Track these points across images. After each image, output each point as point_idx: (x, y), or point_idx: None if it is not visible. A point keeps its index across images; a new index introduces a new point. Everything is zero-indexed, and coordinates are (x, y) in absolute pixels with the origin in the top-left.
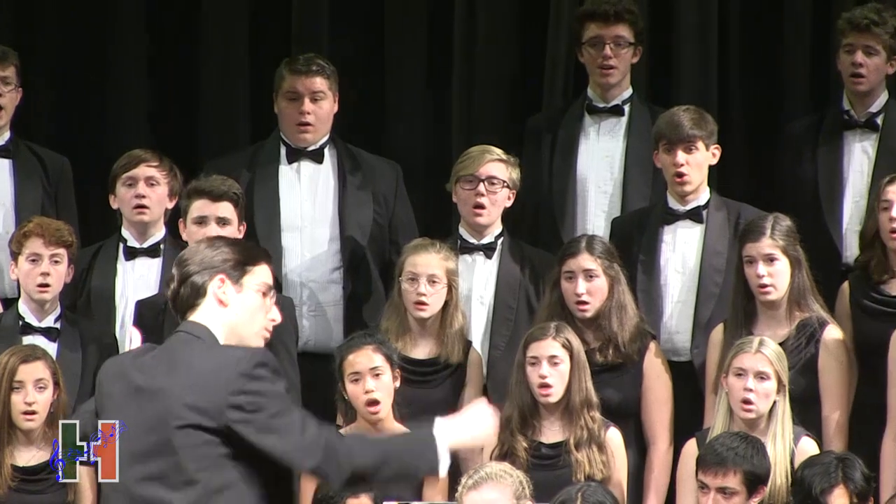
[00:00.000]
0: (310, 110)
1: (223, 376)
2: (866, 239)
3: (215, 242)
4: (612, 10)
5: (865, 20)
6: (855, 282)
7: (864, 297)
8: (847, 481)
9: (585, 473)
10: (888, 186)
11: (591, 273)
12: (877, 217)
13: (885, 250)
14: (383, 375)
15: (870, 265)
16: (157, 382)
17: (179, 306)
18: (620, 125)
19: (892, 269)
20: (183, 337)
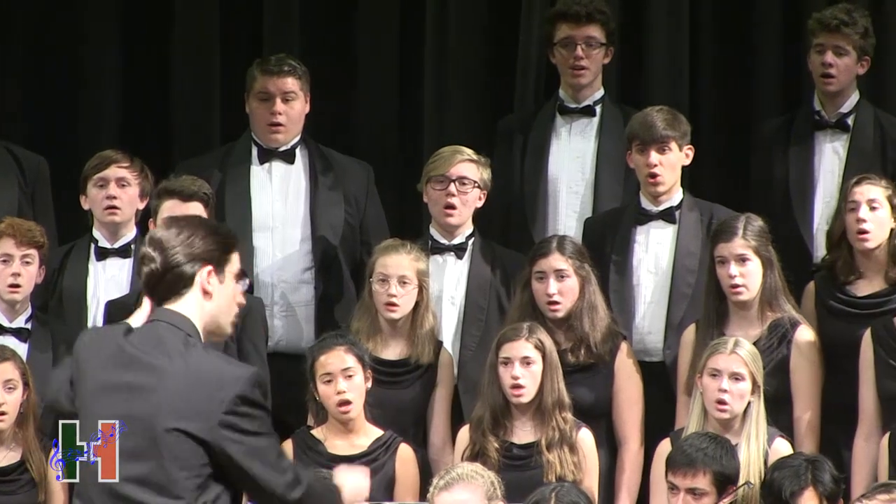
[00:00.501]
0: (281, 111)
1: (220, 392)
2: (833, 240)
3: (191, 225)
4: (584, 11)
5: (836, 20)
6: (821, 282)
7: (830, 297)
8: (816, 483)
9: (557, 474)
10: (855, 187)
11: (562, 273)
12: (844, 218)
13: (851, 251)
14: (355, 376)
15: (836, 265)
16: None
17: (159, 292)
18: (592, 126)
19: (858, 269)
20: (166, 328)
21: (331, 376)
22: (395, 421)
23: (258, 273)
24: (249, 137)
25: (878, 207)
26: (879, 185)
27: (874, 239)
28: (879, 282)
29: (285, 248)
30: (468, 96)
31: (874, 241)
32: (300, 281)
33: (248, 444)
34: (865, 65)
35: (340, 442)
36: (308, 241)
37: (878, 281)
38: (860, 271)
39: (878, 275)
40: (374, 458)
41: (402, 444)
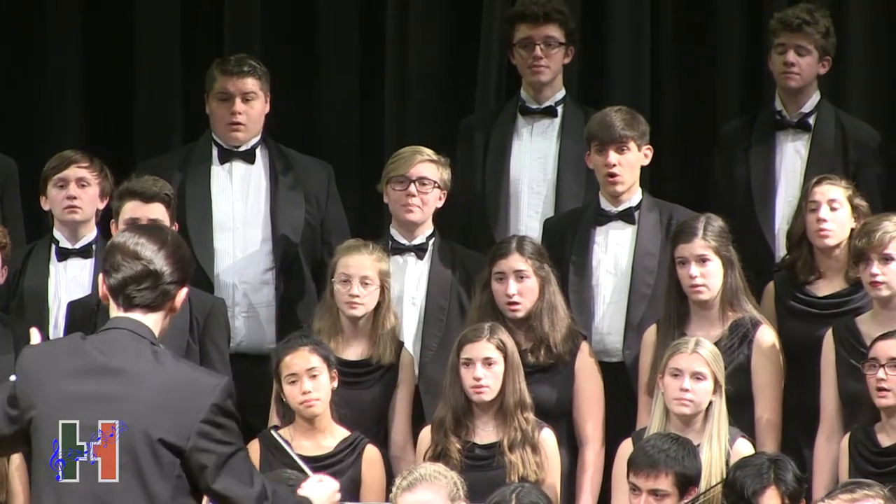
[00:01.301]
0: (241, 110)
1: (196, 401)
2: (793, 240)
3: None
4: (542, 11)
5: (797, 20)
6: (780, 282)
7: (790, 297)
8: (779, 482)
9: (519, 474)
10: (816, 187)
11: (522, 274)
12: (804, 218)
13: (811, 251)
14: (320, 376)
15: (796, 265)
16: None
17: (134, 301)
18: (553, 126)
19: (819, 269)
20: (129, 336)
21: (296, 377)
22: (357, 421)
23: (219, 274)
24: (210, 138)
25: (839, 208)
26: (840, 185)
27: (834, 237)
28: (839, 282)
29: (246, 248)
30: (429, 96)
31: (834, 240)
32: (261, 281)
33: (221, 453)
34: (827, 64)
35: (307, 442)
36: (269, 241)
37: (838, 281)
38: (820, 271)
39: (837, 274)
40: (341, 459)
41: (368, 445)
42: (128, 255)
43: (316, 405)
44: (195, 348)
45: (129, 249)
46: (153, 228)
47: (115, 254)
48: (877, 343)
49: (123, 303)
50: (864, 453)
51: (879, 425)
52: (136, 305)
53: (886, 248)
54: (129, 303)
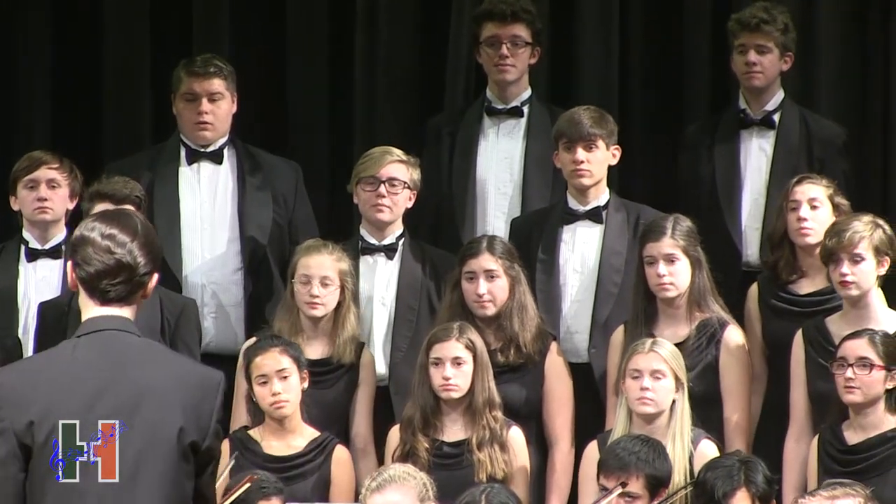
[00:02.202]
0: (207, 110)
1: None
2: (774, 240)
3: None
4: (509, 10)
5: (755, 19)
6: (764, 283)
7: (773, 297)
8: (749, 484)
9: (487, 473)
10: (796, 187)
11: (492, 273)
12: (785, 217)
13: (793, 250)
14: (290, 377)
15: (778, 265)
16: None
17: (109, 296)
18: (520, 126)
19: (801, 269)
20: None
21: (266, 378)
22: (319, 420)
23: (187, 274)
24: (178, 139)
25: (819, 206)
26: (820, 184)
27: (815, 236)
28: (821, 280)
29: (214, 248)
30: (399, 96)
31: (815, 238)
32: (230, 282)
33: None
34: (789, 60)
35: (277, 443)
36: (237, 241)
37: (821, 279)
38: (802, 270)
39: (820, 273)
40: (311, 459)
41: (338, 445)
42: (99, 248)
43: (286, 406)
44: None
45: (100, 243)
46: (122, 216)
47: (85, 246)
48: (845, 343)
49: (99, 297)
50: (831, 452)
51: (847, 423)
52: (111, 299)
53: (856, 248)
54: (105, 297)
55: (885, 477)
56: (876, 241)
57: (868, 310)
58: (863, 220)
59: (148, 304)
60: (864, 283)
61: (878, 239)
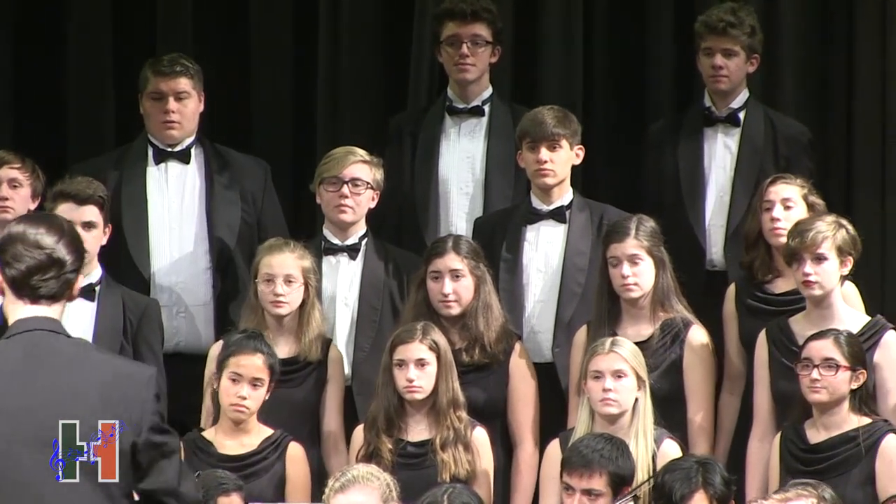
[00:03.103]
0: (174, 109)
1: (141, 395)
2: (750, 240)
3: (67, 227)
4: (470, 9)
5: (722, 23)
6: (741, 283)
7: (750, 297)
8: (707, 486)
9: (451, 473)
10: (770, 187)
11: (458, 273)
12: (759, 218)
13: (768, 250)
14: (261, 388)
15: (754, 265)
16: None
17: (40, 292)
18: (481, 126)
19: (777, 268)
20: (49, 336)
21: (239, 378)
22: (288, 419)
23: (155, 274)
24: (145, 139)
25: (793, 206)
26: (794, 184)
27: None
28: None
29: (182, 248)
30: (362, 95)
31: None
32: (198, 281)
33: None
34: (755, 62)
35: (230, 442)
36: (205, 240)
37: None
38: (778, 270)
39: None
40: (265, 457)
41: (291, 442)
42: (30, 244)
43: (244, 413)
44: (129, 349)
45: (30, 239)
46: (47, 217)
47: (14, 244)
48: (809, 343)
49: (29, 294)
50: (793, 451)
51: (810, 422)
52: (41, 296)
53: (819, 248)
54: (35, 294)
55: (848, 476)
56: (839, 240)
57: (831, 310)
58: (826, 220)
59: (111, 305)
60: (827, 283)
61: (842, 239)
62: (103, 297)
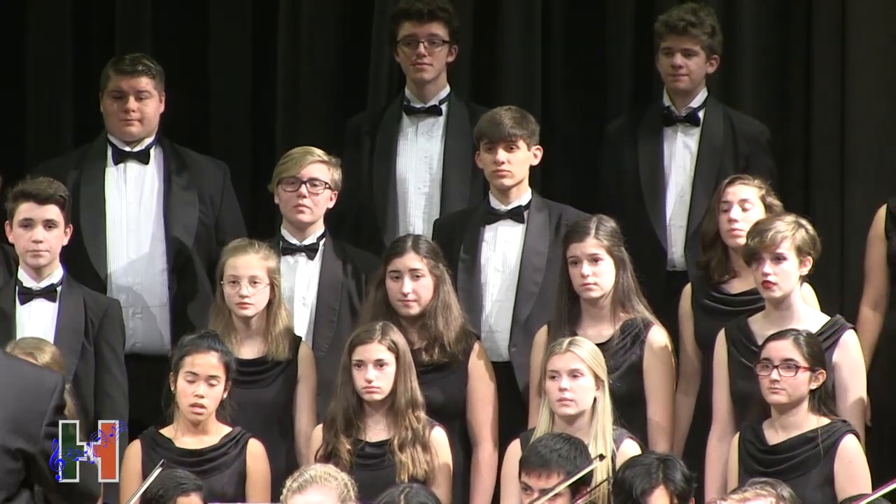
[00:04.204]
0: (135, 108)
1: (39, 404)
2: (707, 240)
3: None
4: (426, 9)
5: (682, 22)
6: (697, 283)
7: (706, 297)
8: (667, 482)
9: (409, 473)
10: (728, 188)
11: (417, 273)
12: (716, 218)
13: (725, 251)
14: (217, 386)
15: (710, 266)
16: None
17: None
18: (438, 125)
19: (733, 269)
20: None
21: (195, 377)
22: (258, 419)
23: (112, 274)
24: (105, 139)
25: (751, 207)
26: (752, 185)
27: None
28: (753, 280)
29: (140, 249)
30: (321, 95)
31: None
32: (155, 282)
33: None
34: (715, 63)
35: (189, 438)
36: (162, 241)
37: (752, 279)
38: (735, 270)
39: (751, 273)
40: (224, 453)
41: (251, 439)
42: None
43: (202, 413)
44: (90, 350)
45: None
46: None
47: None
48: (769, 343)
49: None
50: (751, 451)
51: (768, 422)
52: None
53: (778, 248)
54: None
55: (807, 477)
56: (798, 240)
57: (791, 310)
58: (785, 220)
59: (72, 305)
60: (786, 284)
61: (801, 239)
62: (65, 297)
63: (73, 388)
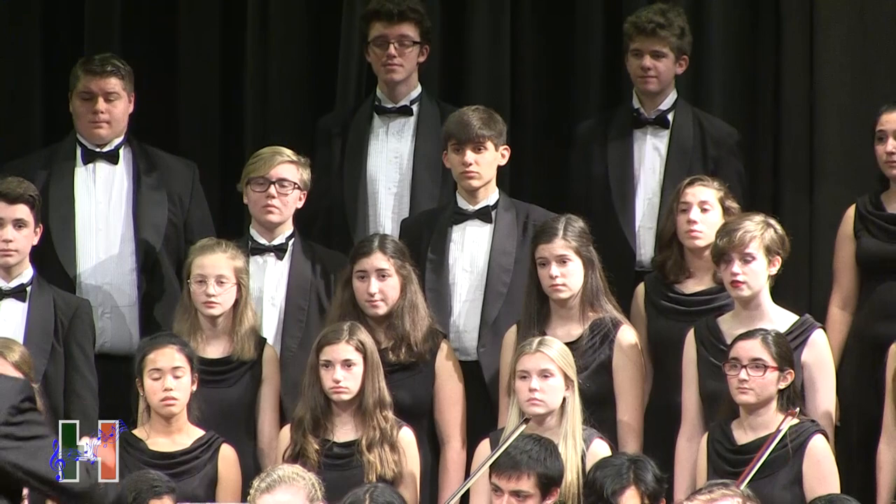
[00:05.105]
0: (104, 109)
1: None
2: (664, 240)
3: None
4: (396, 10)
5: (651, 24)
6: (650, 283)
7: (660, 296)
8: (638, 482)
9: (377, 473)
10: (687, 188)
11: (384, 272)
12: (675, 219)
13: (681, 251)
14: (183, 377)
15: (666, 265)
16: None
17: None
18: (409, 125)
19: (689, 269)
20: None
21: (159, 373)
22: (223, 419)
23: (81, 274)
24: (74, 139)
25: (710, 209)
26: (711, 186)
27: (705, 238)
28: (708, 280)
29: (109, 249)
30: (290, 95)
31: (705, 241)
32: (124, 282)
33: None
34: (684, 64)
35: (162, 439)
36: (131, 241)
37: (707, 279)
38: (689, 271)
39: (706, 273)
40: (196, 456)
41: (224, 443)
42: None
43: (175, 404)
44: (60, 350)
45: None
46: None
47: None
48: (737, 343)
49: None
50: (720, 451)
51: (737, 422)
52: None
53: (747, 248)
54: None
55: (775, 477)
56: (767, 240)
57: (760, 310)
58: (754, 220)
59: (42, 305)
60: (754, 283)
61: (770, 238)
62: (34, 297)
63: (42, 388)
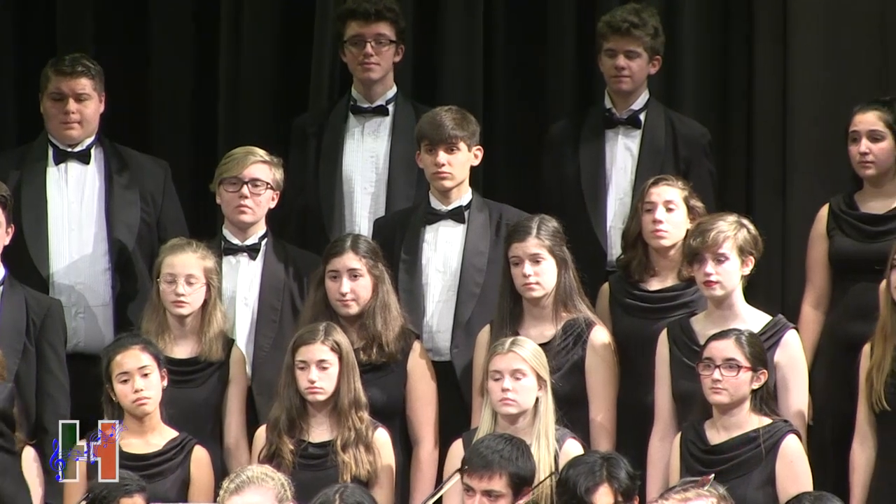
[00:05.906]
0: (74, 110)
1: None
2: (629, 240)
3: None
4: (373, 9)
5: (625, 23)
6: (615, 282)
7: (625, 295)
8: (611, 480)
9: (352, 474)
10: (652, 188)
11: (356, 272)
12: (640, 218)
13: (646, 251)
14: (151, 375)
15: (631, 265)
16: None
17: None
18: (385, 125)
19: (653, 269)
20: None
21: (127, 375)
22: (190, 419)
23: (54, 274)
24: (46, 139)
25: (675, 209)
26: (676, 186)
27: (670, 238)
28: (672, 278)
29: (82, 248)
30: (262, 95)
31: (670, 240)
32: (97, 282)
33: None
34: (657, 64)
35: (136, 440)
36: (104, 241)
37: (671, 277)
38: (654, 270)
39: (671, 272)
40: (169, 458)
41: (196, 445)
42: None
43: (148, 403)
44: (32, 350)
45: None
46: None
47: None
48: (711, 343)
49: None
50: (693, 451)
51: (710, 422)
52: None
53: (720, 248)
54: None
55: (748, 477)
56: (740, 240)
57: (733, 310)
58: (727, 220)
59: (14, 305)
60: (728, 283)
61: (743, 238)
62: (6, 297)
63: (14, 389)
